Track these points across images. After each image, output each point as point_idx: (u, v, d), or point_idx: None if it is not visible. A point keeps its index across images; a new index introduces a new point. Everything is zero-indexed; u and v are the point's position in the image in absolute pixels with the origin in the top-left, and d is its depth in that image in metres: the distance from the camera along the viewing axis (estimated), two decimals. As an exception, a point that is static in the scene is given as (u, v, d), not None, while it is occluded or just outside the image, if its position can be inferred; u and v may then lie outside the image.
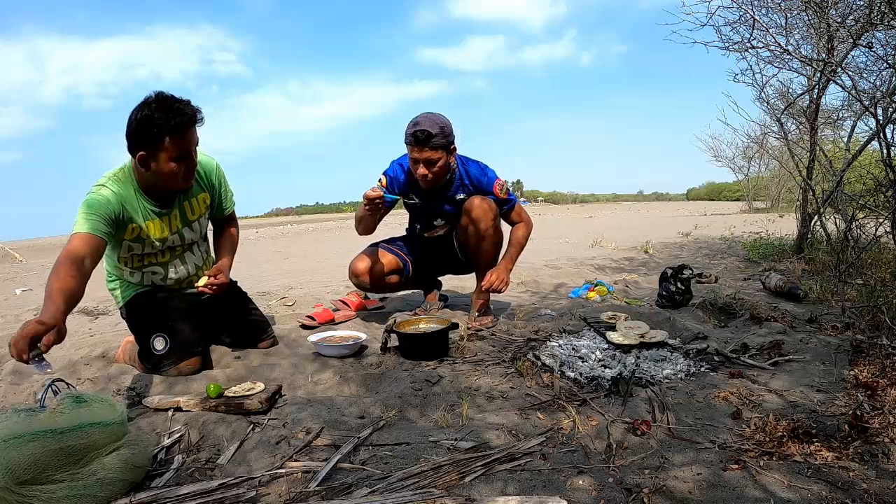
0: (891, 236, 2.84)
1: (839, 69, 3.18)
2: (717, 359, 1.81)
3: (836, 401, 1.43)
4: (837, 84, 3.38)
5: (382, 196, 2.19)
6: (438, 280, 2.92)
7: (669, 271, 2.73)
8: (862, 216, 3.36)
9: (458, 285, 3.37)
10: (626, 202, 68.34)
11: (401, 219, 3.20)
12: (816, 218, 4.24)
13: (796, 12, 3.64)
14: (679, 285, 2.67)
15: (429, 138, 2.18)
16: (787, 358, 1.78)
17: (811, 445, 1.17)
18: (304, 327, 2.39)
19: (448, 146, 2.25)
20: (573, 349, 1.90)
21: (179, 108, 1.65)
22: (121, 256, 1.88)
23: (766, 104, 4.58)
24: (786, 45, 3.45)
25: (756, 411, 1.40)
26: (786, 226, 7.18)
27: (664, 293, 2.70)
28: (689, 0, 3.38)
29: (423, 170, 2.25)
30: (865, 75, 3.53)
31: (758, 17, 3.26)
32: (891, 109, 2.94)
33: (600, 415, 1.42)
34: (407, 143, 2.24)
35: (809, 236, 4.41)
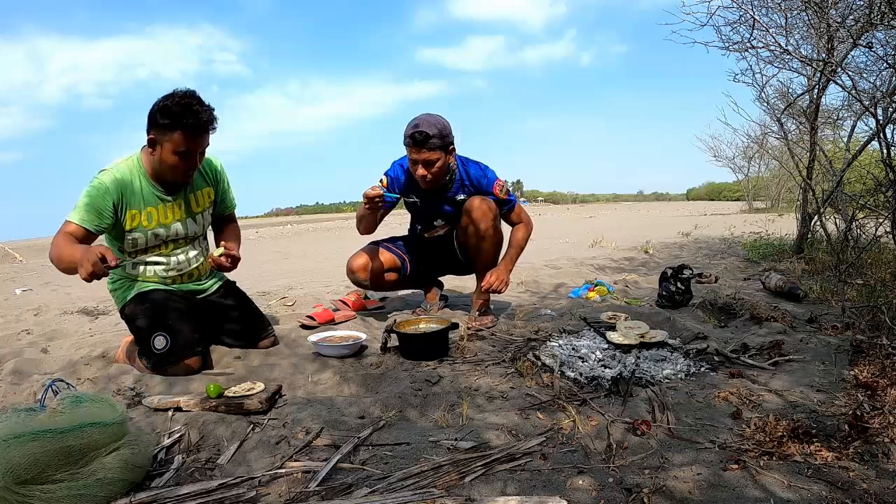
0: (891, 236, 2.84)
1: (839, 69, 3.18)
2: (717, 359, 1.81)
3: (836, 401, 1.43)
4: (837, 84, 3.38)
5: (382, 195, 2.22)
6: (440, 280, 2.92)
7: (669, 271, 2.73)
8: (862, 216, 3.35)
9: (459, 285, 3.37)
10: (626, 202, 68.32)
11: (401, 219, 3.20)
12: (816, 218, 4.24)
13: (796, 12, 3.64)
14: (679, 285, 2.67)
15: (427, 139, 2.18)
16: (787, 358, 1.78)
17: (811, 445, 1.17)
18: (304, 327, 2.39)
19: (446, 147, 2.26)
20: (573, 349, 1.90)
21: (196, 110, 1.73)
22: (123, 248, 1.92)
23: (766, 104, 4.59)
24: (786, 45, 3.45)
25: (756, 411, 1.40)
26: (786, 226, 7.17)
27: (664, 293, 2.70)
28: (689, 0, 3.39)
29: (421, 170, 2.25)
30: (865, 75, 3.54)
31: (758, 17, 3.26)
32: (891, 109, 2.94)
33: (600, 415, 1.42)
34: (406, 144, 2.25)
35: (809, 236, 4.41)
